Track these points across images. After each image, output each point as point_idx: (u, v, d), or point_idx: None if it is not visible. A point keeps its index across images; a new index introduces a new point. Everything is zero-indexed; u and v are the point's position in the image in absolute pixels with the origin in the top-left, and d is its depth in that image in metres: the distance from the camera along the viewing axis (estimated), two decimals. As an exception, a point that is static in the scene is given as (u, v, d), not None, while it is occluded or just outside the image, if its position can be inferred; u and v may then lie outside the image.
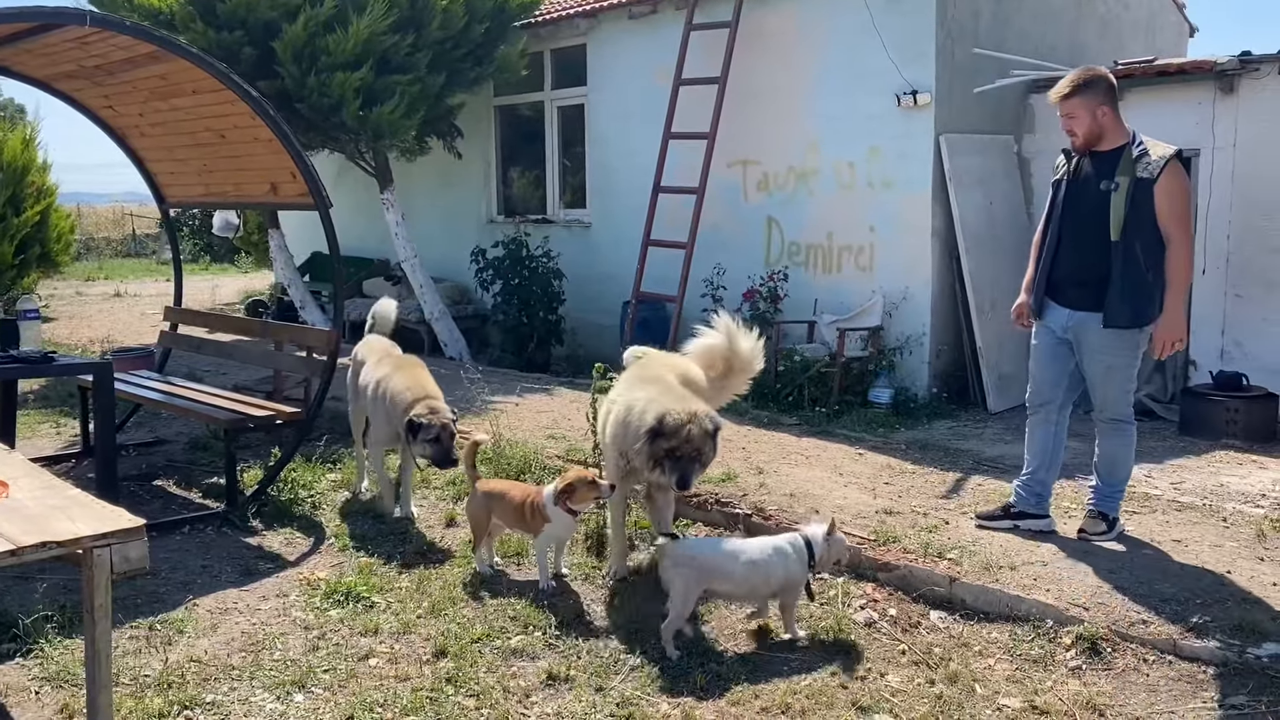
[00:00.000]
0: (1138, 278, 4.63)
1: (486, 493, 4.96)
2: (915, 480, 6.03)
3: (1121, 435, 4.89)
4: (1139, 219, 4.59)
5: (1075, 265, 4.81)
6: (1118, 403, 4.84)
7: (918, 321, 8.20)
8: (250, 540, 5.57)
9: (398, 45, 9.30)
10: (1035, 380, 5.11)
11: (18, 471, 3.93)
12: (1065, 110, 4.74)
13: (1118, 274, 4.64)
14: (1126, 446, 4.91)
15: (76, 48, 5.95)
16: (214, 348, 7.70)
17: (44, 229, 14.23)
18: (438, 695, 3.79)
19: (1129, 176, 4.59)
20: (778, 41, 8.99)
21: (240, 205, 11.08)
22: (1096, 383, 4.87)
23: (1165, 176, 4.56)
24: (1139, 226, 4.60)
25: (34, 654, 4.09)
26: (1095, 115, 4.67)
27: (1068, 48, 9.08)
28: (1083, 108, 4.68)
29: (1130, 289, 4.63)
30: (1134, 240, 4.61)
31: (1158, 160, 4.58)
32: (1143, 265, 4.62)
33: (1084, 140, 4.73)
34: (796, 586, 4.23)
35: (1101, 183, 4.67)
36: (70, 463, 6.95)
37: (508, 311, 10.46)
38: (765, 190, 9.25)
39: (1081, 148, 4.77)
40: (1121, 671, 3.92)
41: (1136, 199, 4.58)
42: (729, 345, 5.09)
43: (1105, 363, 4.79)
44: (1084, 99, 4.67)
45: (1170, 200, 4.57)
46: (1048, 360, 5.02)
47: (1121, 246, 4.62)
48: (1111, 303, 4.67)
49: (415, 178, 12.19)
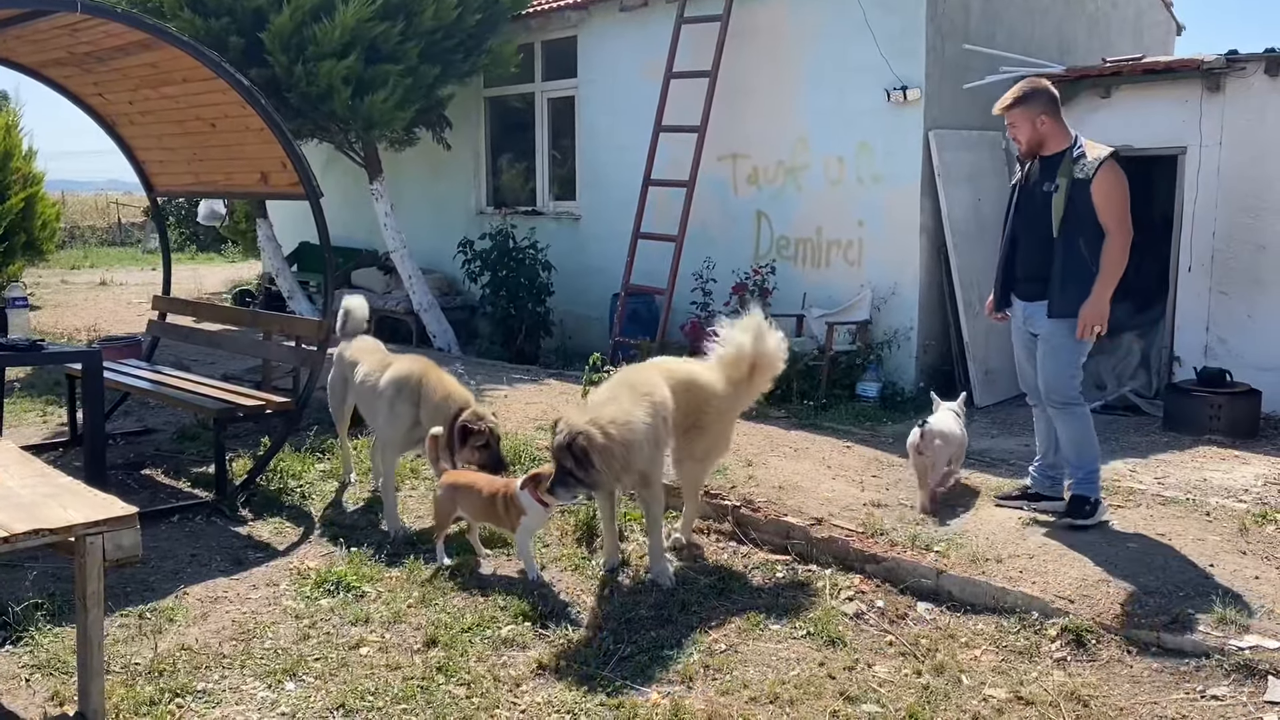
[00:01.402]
0: (1079, 270, 4.91)
1: (452, 485, 4.96)
2: (902, 473, 6.06)
3: (1075, 417, 5.10)
4: (1077, 216, 4.89)
5: (1026, 261, 5.15)
6: (1063, 386, 5.08)
7: (905, 316, 8.25)
8: (240, 530, 5.57)
9: (387, 34, 9.27)
10: (1020, 375, 5.45)
11: (9, 459, 3.94)
12: (1009, 120, 5.10)
13: (1058, 267, 4.96)
14: (1083, 427, 5.11)
15: (67, 34, 5.92)
16: (203, 337, 7.68)
17: (29, 216, 14.14)
18: (429, 684, 3.81)
19: (1067, 178, 4.92)
20: (768, 36, 9.01)
21: (230, 194, 11.04)
22: (1043, 367, 5.13)
23: (1100, 176, 4.85)
24: (1079, 223, 4.90)
25: (24, 642, 4.09)
26: (1035, 124, 5.00)
27: (1056, 44, 9.14)
28: (1023, 118, 5.02)
29: (1070, 280, 4.93)
30: (1075, 236, 4.91)
31: (1093, 161, 4.89)
32: (1085, 258, 4.90)
33: (1026, 147, 5.08)
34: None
35: (1044, 184, 5.00)
36: (58, 451, 6.93)
37: (496, 303, 10.46)
38: (755, 184, 9.28)
39: (1025, 154, 5.12)
40: (1106, 663, 3.98)
41: (1074, 198, 4.90)
42: (754, 346, 5.05)
43: (1051, 345, 5.07)
44: (1024, 109, 5.01)
45: (1107, 198, 4.86)
46: (1023, 354, 5.34)
47: (1061, 242, 4.94)
48: (1053, 293, 5.00)
49: (404, 168, 12.17)
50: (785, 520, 5.23)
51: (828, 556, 4.97)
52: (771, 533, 5.24)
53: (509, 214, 11.21)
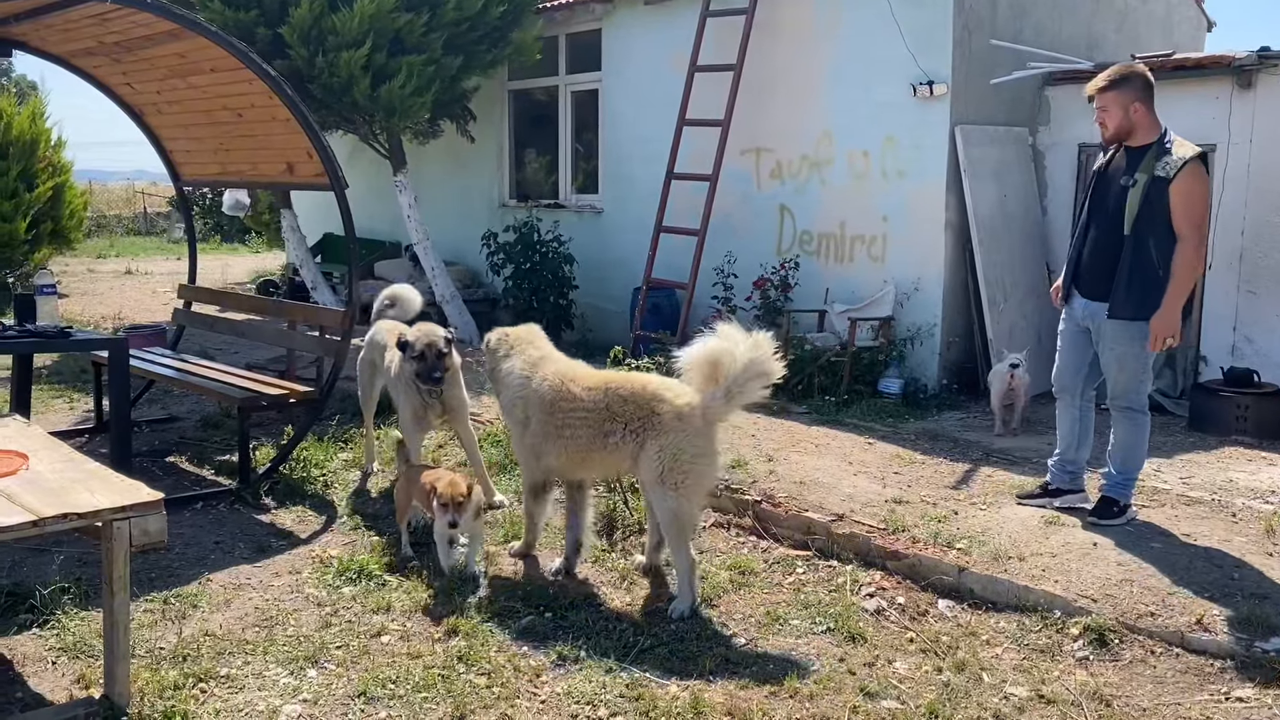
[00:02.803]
0: (1147, 272, 4.74)
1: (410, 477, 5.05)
2: (924, 470, 6.04)
3: (1134, 424, 5.00)
4: (1152, 215, 4.71)
5: (1094, 255, 4.96)
6: (1129, 391, 4.96)
7: (929, 312, 8.20)
8: (263, 518, 5.61)
9: (411, 25, 9.29)
10: (1058, 366, 5.31)
11: (38, 444, 3.98)
12: (1100, 103, 4.87)
13: (1125, 267, 4.79)
14: (1139, 436, 5.02)
15: (97, 24, 5.96)
16: (227, 326, 7.73)
17: (57, 205, 14.26)
18: (449, 673, 3.83)
19: (1148, 174, 4.71)
20: (794, 30, 8.97)
21: (256, 184, 11.10)
22: (1109, 371, 5.00)
23: (1182, 177, 4.65)
24: (1152, 223, 4.71)
25: (50, 625, 4.14)
26: (1128, 111, 4.80)
27: (1085, 41, 9.05)
28: (1116, 102, 4.81)
29: (1137, 282, 4.77)
30: (1146, 236, 4.73)
31: (1177, 160, 4.68)
32: (1154, 261, 4.73)
33: (1113, 134, 4.86)
34: None
35: (1123, 178, 4.80)
36: (84, 437, 7.00)
37: (518, 295, 10.47)
38: (778, 178, 9.24)
39: (1110, 140, 4.90)
40: (1129, 663, 3.95)
41: (1150, 196, 4.70)
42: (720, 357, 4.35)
43: (1116, 352, 4.93)
44: (1119, 94, 4.80)
45: (1185, 201, 4.66)
46: (1069, 348, 5.20)
47: (1132, 240, 4.76)
48: (1117, 294, 4.83)
49: (428, 161, 12.19)
50: (806, 516, 5.22)
51: (849, 553, 4.96)
52: (792, 528, 5.23)
53: (532, 207, 11.21)
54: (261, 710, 3.57)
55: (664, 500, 4.33)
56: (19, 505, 3.25)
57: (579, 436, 4.53)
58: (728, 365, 4.27)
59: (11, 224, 13.15)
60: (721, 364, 4.30)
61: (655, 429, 4.34)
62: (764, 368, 4.25)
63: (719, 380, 4.32)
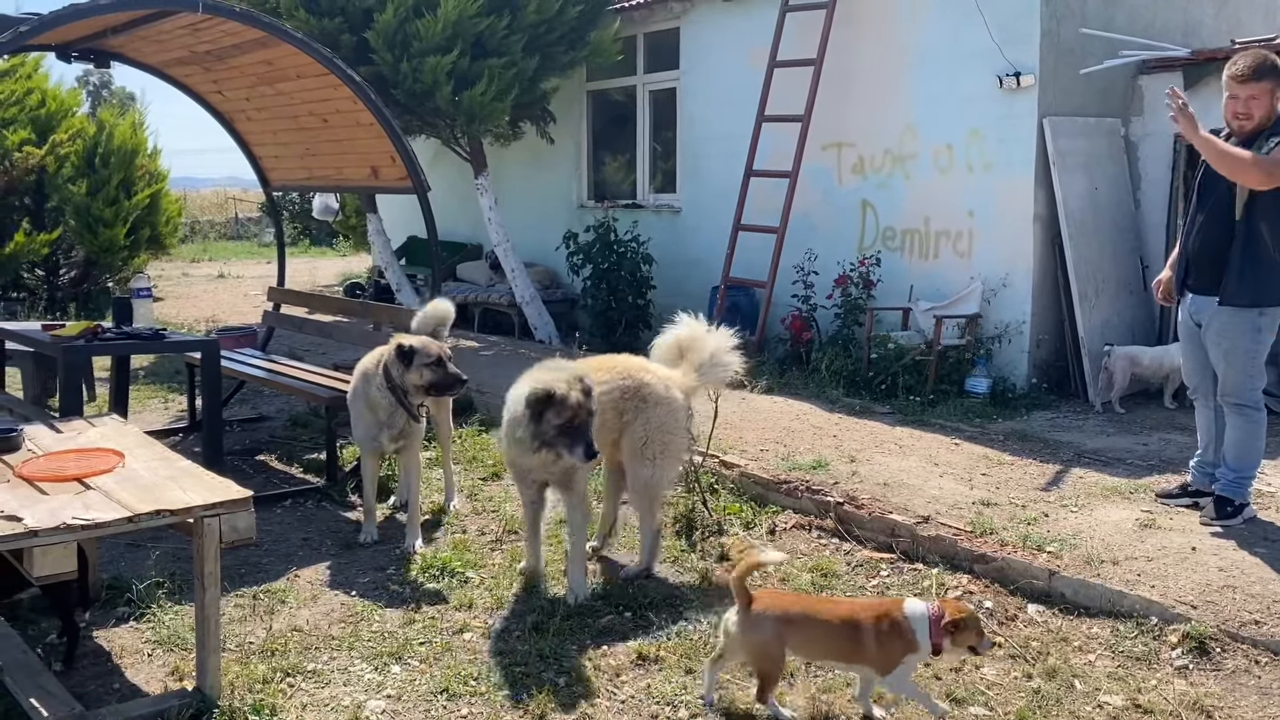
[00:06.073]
0: (1259, 255, 4.60)
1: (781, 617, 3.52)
2: (1013, 472, 5.89)
3: (1247, 420, 4.82)
4: (1264, 199, 4.55)
5: (1203, 243, 4.83)
6: (1240, 387, 4.79)
7: (1017, 309, 7.99)
8: (349, 515, 5.71)
9: (493, 28, 9.39)
10: (1184, 367, 5.23)
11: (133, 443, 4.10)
12: (1247, 93, 4.63)
13: (1237, 253, 4.64)
14: (1253, 433, 4.84)
15: (188, 34, 6.15)
16: (314, 327, 7.90)
17: (154, 212, 14.75)
18: (530, 671, 3.84)
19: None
20: (875, 22, 8.83)
21: (341, 188, 11.34)
22: (1218, 366, 4.85)
23: None
24: (1264, 208, 4.56)
25: (146, 618, 4.26)
26: (1274, 99, 4.62)
27: (1181, 27, 8.72)
28: (1265, 91, 4.62)
29: (1249, 266, 4.62)
30: (1258, 221, 4.59)
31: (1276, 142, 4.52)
32: (1268, 244, 4.57)
33: (1257, 125, 4.63)
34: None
35: None
36: (178, 436, 7.21)
37: (596, 296, 10.51)
38: (860, 174, 9.11)
39: (1253, 131, 4.64)
40: (1231, 673, 3.78)
41: None
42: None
43: (1224, 345, 4.77)
44: (1269, 84, 4.60)
45: None
46: (1188, 346, 5.10)
47: (1244, 226, 4.61)
48: (1229, 281, 4.68)
49: (508, 163, 12.31)
50: (890, 518, 5.12)
51: (934, 555, 4.85)
52: (876, 530, 5.14)
53: (610, 207, 11.24)
54: (346, 705, 3.62)
55: (642, 469, 4.69)
56: (115, 501, 3.35)
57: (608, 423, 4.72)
58: (697, 350, 4.87)
59: (112, 230, 13.64)
60: (691, 349, 4.90)
61: (643, 404, 4.71)
62: (727, 357, 4.89)
63: (687, 362, 4.89)
